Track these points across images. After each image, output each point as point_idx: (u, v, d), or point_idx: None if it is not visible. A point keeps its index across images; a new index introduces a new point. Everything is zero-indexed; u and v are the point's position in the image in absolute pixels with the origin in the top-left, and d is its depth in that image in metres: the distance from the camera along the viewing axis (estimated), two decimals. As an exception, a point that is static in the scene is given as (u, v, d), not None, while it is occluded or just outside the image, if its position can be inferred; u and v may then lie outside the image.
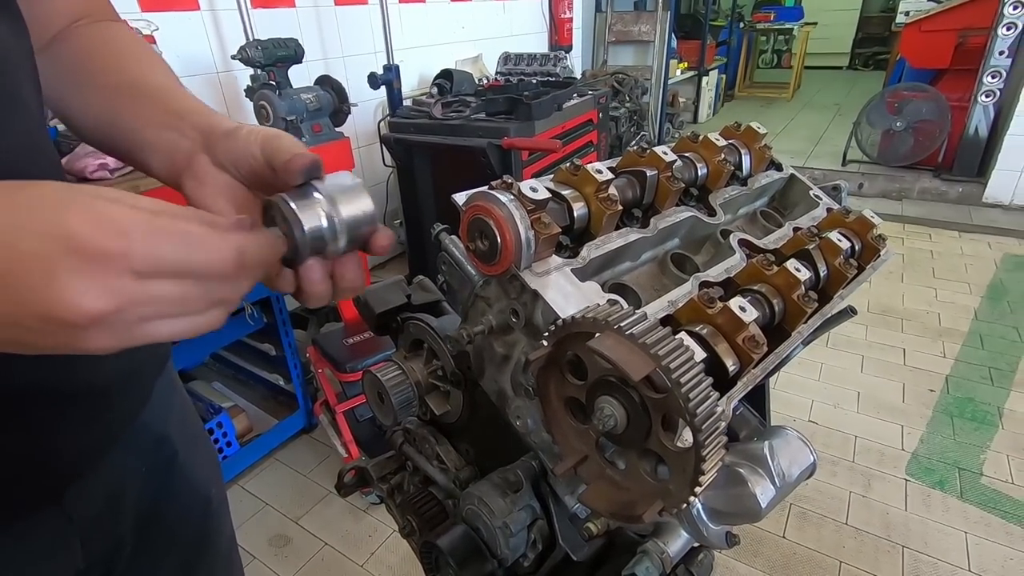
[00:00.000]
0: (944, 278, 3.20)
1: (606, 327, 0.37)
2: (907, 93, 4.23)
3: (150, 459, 0.62)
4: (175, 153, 0.47)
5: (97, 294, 0.28)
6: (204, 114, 0.49)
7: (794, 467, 0.46)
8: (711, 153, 0.67)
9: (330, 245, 0.40)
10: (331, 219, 0.39)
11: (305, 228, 0.38)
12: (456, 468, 0.72)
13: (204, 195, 0.45)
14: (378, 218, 0.43)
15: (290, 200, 0.39)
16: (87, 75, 0.54)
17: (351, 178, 0.42)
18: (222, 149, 0.45)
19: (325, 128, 1.99)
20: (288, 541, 1.85)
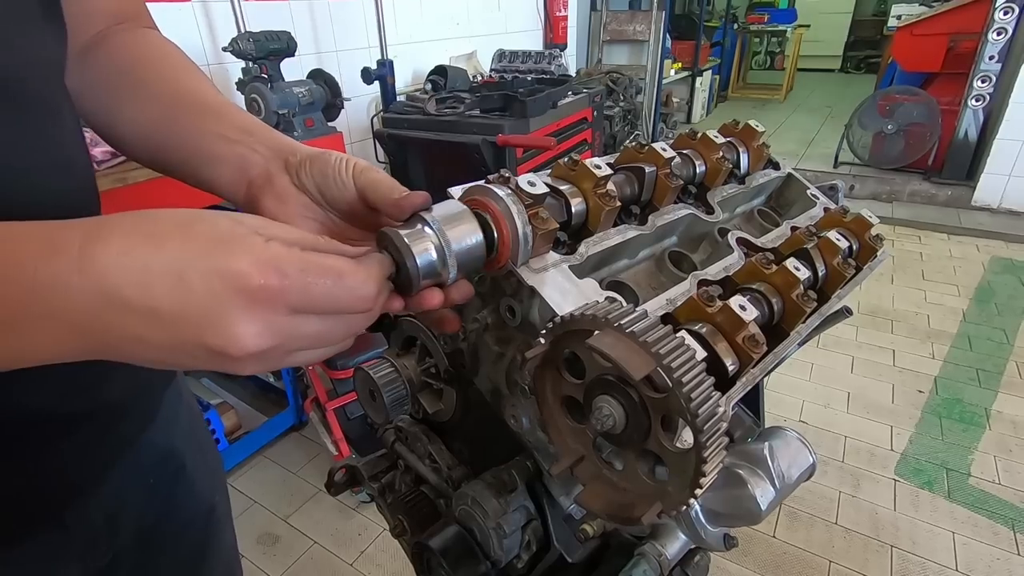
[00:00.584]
0: (933, 280, 3.22)
1: (606, 325, 0.36)
2: (898, 96, 4.26)
3: (155, 473, 0.61)
4: (247, 168, 0.47)
5: (259, 331, 0.31)
6: (272, 132, 0.49)
7: (793, 468, 0.45)
8: (709, 150, 0.67)
9: (442, 275, 0.41)
10: (441, 251, 0.40)
11: (418, 262, 0.39)
12: (448, 467, 0.71)
13: (286, 215, 0.45)
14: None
15: (403, 234, 0.40)
16: (139, 83, 0.52)
17: (458, 205, 0.44)
18: (308, 172, 0.45)
19: (318, 122, 1.97)
20: (277, 539, 1.83)
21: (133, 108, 0.52)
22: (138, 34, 0.56)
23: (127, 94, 0.52)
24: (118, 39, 0.55)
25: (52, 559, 0.50)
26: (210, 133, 0.49)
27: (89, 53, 0.53)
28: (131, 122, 0.52)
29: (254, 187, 0.47)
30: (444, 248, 0.41)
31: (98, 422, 0.51)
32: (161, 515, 0.62)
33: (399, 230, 0.40)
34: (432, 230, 0.41)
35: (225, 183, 0.48)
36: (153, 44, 0.56)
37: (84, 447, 0.50)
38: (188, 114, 0.50)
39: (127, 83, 0.53)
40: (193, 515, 0.70)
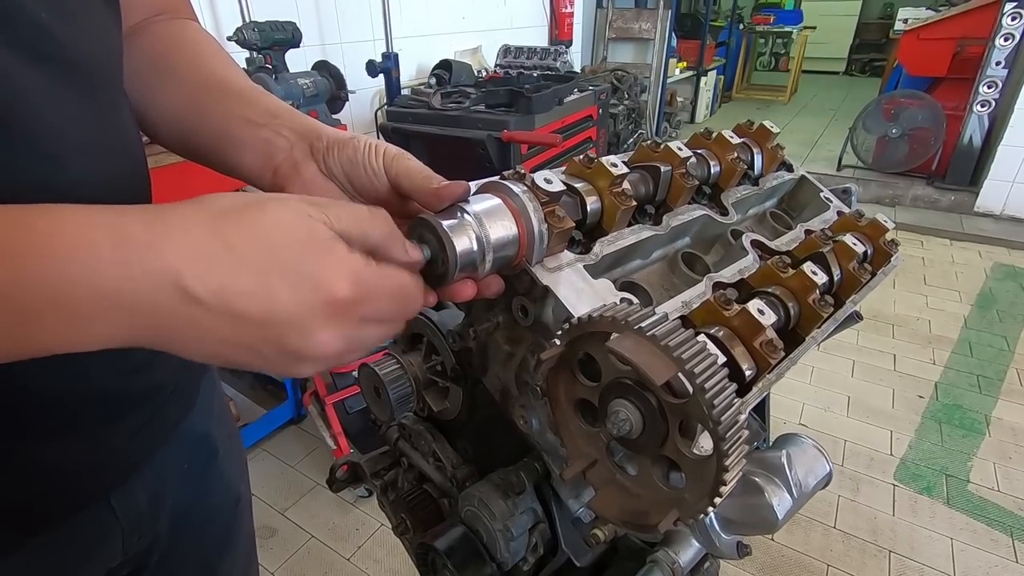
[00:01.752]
0: (935, 285, 3.22)
1: (625, 327, 0.35)
2: (903, 100, 4.25)
3: (192, 458, 0.62)
4: (273, 153, 0.46)
5: (335, 337, 0.32)
6: (297, 115, 0.49)
7: (810, 477, 0.45)
8: (724, 150, 0.66)
9: (479, 268, 0.41)
10: (481, 244, 0.40)
11: (458, 251, 0.39)
12: (453, 466, 0.70)
13: None
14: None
15: (443, 222, 0.39)
16: (170, 70, 0.53)
17: (493, 199, 0.43)
18: (336, 159, 0.45)
19: (322, 115, 1.95)
20: (274, 532, 1.82)
21: (163, 95, 0.52)
22: (175, 24, 0.56)
23: (158, 81, 0.53)
24: (155, 28, 0.55)
25: (98, 541, 0.51)
26: (236, 117, 0.49)
27: (127, 41, 0.53)
28: (161, 108, 0.52)
29: (280, 174, 0.46)
30: (484, 241, 0.40)
31: (150, 403, 0.52)
32: (192, 501, 0.63)
33: (439, 219, 0.39)
34: (471, 220, 0.40)
35: (250, 168, 0.48)
36: (187, 34, 0.56)
37: (138, 428, 0.51)
38: (215, 98, 0.50)
39: (159, 70, 0.53)
40: (221, 503, 0.71)
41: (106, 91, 0.44)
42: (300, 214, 0.33)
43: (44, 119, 0.38)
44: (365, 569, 1.70)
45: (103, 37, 0.44)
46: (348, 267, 0.32)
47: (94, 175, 0.42)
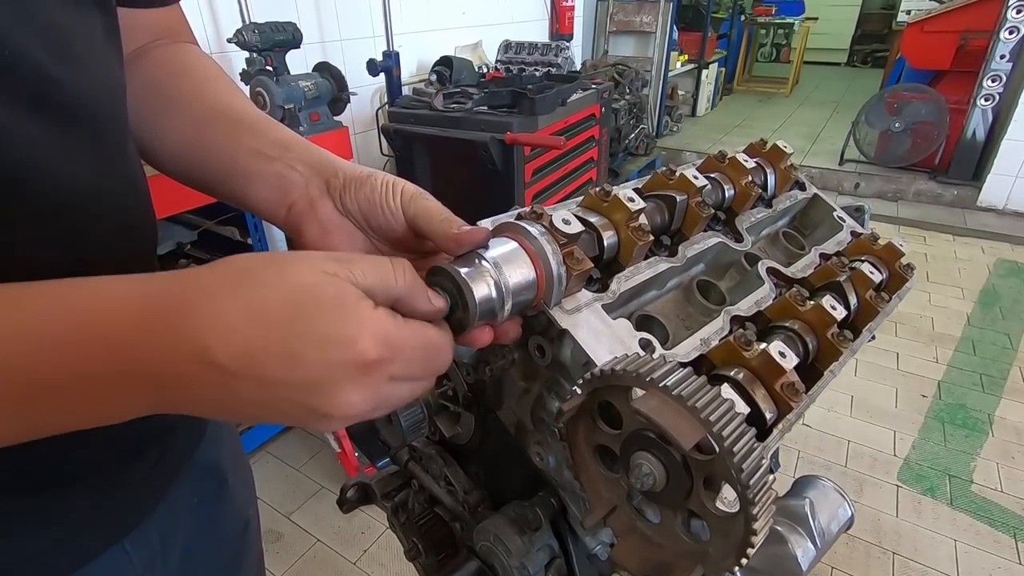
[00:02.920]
0: (938, 282, 3.21)
1: (650, 385, 0.35)
2: (907, 94, 4.22)
3: (202, 491, 0.61)
4: (287, 188, 0.46)
5: (363, 397, 0.32)
6: (309, 148, 0.48)
7: (833, 524, 0.44)
8: (739, 174, 0.65)
9: (498, 314, 0.40)
10: (499, 288, 0.40)
11: (477, 299, 0.38)
12: (465, 491, 0.70)
13: (329, 246, 0.44)
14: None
15: (461, 270, 0.39)
16: (171, 98, 0.51)
17: (509, 242, 0.43)
18: (353, 198, 0.44)
19: (323, 117, 1.94)
20: (280, 537, 1.83)
21: (167, 124, 0.51)
22: (174, 48, 0.55)
23: (161, 110, 0.51)
24: (155, 54, 0.54)
25: None
26: (245, 148, 0.48)
27: (128, 68, 0.52)
28: (165, 138, 0.51)
29: (295, 212, 0.45)
30: (502, 288, 0.40)
31: (162, 443, 0.51)
32: (203, 532, 0.63)
33: (457, 267, 0.39)
34: (489, 267, 0.40)
35: (263, 203, 0.47)
36: (188, 59, 0.55)
37: (150, 467, 0.50)
38: (222, 128, 0.49)
39: (161, 99, 0.52)
40: (230, 530, 0.71)
41: (112, 133, 0.43)
42: (324, 273, 0.32)
43: (51, 169, 0.37)
44: (372, 574, 1.71)
45: (107, 77, 0.43)
46: (375, 327, 0.32)
47: (103, 219, 0.42)
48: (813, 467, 2.05)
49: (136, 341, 0.29)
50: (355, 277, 0.33)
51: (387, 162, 3.05)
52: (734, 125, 6.05)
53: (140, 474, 0.49)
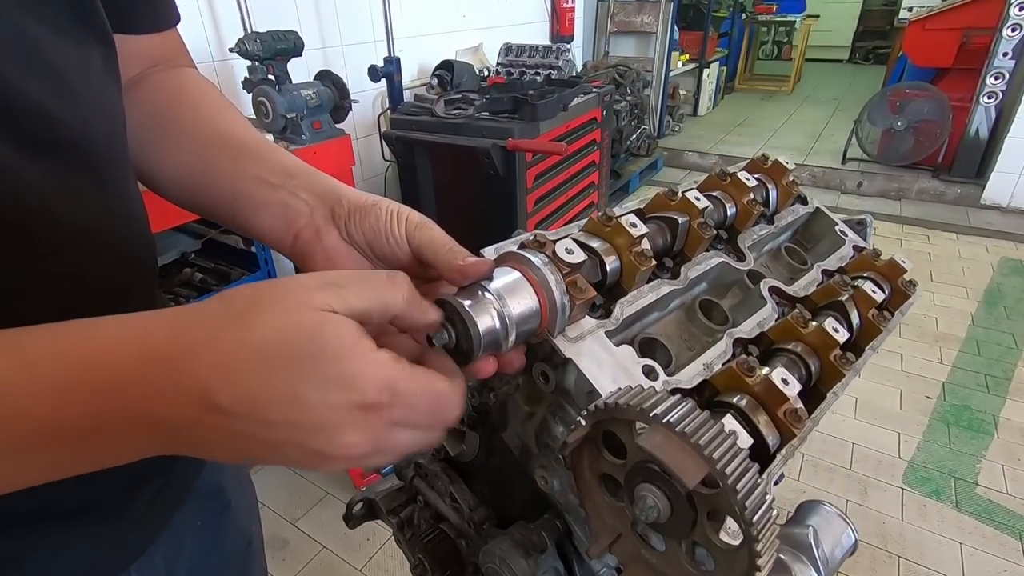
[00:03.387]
0: (941, 282, 3.21)
1: (653, 420, 0.35)
2: (909, 92, 4.21)
3: (205, 512, 0.62)
4: (293, 217, 0.46)
5: (363, 440, 0.32)
6: (313, 175, 0.48)
7: (837, 551, 0.45)
8: (740, 192, 0.65)
9: (502, 345, 0.41)
10: (503, 319, 0.40)
11: (481, 331, 0.39)
12: (470, 508, 0.70)
13: None
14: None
15: (464, 302, 0.39)
16: (172, 125, 0.51)
17: (512, 273, 0.43)
18: (357, 226, 0.44)
19: (325, 125, 1.94)
20: (286, 544, 1.84)
21: (168, 150, 0.51)
22: (173, 74, 0.55)
23: (161, 136, 0.51)
24: (154, 81, 0.54)
25: None
26: (249, 176, 0.48)
27: (126, 95, 0.52)
28: (168, 165, 0.51)
29: (301, 241, 0.46)
30: (506, 320, 0.40)
31: (165, 471, 0.52)
32: (206, 554, 0.63)
33: (461, 300, 0.39)
34: (493, 298, 0.40)
35: (269, 232, 0.47)
36: (187, 83, 0.55)
37: (154, 496, 0.51)
38: (224, 155, 0.49)
39: (161, 124, 0.52)
40: (234, 549, 0.71)
41: (113, 169, 0.43)
42: (321, 312, 0.32)
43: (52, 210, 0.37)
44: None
45: (107, 112, 0.43)
46: (376, 370, 0.32)
47: (103, 255, 0.42)
48: (817, 470, 2.05)
49: (139, 385, 0.29)
50: (350, 304, 0.33)
51: (389, 167, 3.06)
52: (736, 124, 6.04)
53: (144, 504, 0.50)
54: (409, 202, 2.48)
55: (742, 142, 5.46)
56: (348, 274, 0.35)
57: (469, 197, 2.21)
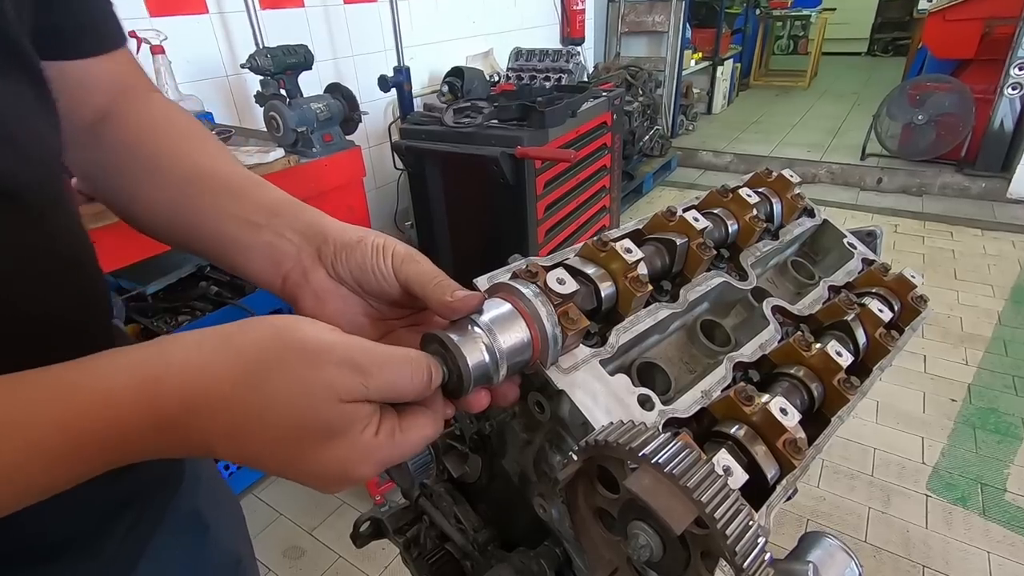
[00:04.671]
0: (966, 279, 3.12)
1: (643, 460, 0.34)
2: (930, 85, 4.11)
3: (184, 540, 0.61)
4: (280, 259, 0.46)
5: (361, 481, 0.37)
6: (297, 211, 0.47)
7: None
8: (742, 209, 0.64)
9: (493, 378, 0.41)
10: (492, 353, 0.40)
11: (471, 365, 0.39)
12: (474, 529, 0.70)
13: (327, 315, 0.45)
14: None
15: (454, 337, 0.39)
16: (150, 160, 0.50)
17: (503, 304, 0.43)
18: (344, 263, 0.44)
19: (336, 137, 1.96)
20: (302, 553, 1.86)
21: (147, 190, 0.50)
22: (140, 104, 0.53)
23: (139, 174, 0.50)
24: (122, 111, 0.52)
25: None
26: (232, 216, 0.47)
27: (97, 129, 0.51)
28: (148, 205, 0.50)
29: (290, 283, 0.46)
30: (496, 353, 0.40)
31: (136, 503, 0.51)
32: None
33: (450, 334, 0.39)
34: (482, 332, 0.40)
35: (257, 273, 0.47)
36: (158, 113, 0.54)
37: (127, 531, 0.50)
38: (205, 194, 0.48)
39: (138, 161, 0.50)
40: (220, 570, 0.70)
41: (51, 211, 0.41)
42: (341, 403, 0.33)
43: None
44: (392, 590, 1.73)
45: (44, 151, 0.41)
46: (374, 455, 0.35)
47: (50, 298, 0.41)
48: (838, 476, 2.00)
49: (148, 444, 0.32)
50: (371, 395, 0.35)
51: (401, 175, 3.08)
52: (751, 121, 5.95)
53: (118, 537, 0.49)
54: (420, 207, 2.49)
55: (757, 140, 5.38)
56: (373, 357, 0.35)
57: (479, 205, 2.22)
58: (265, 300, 1.88)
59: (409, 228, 3.32)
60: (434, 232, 2.42)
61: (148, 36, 1.84)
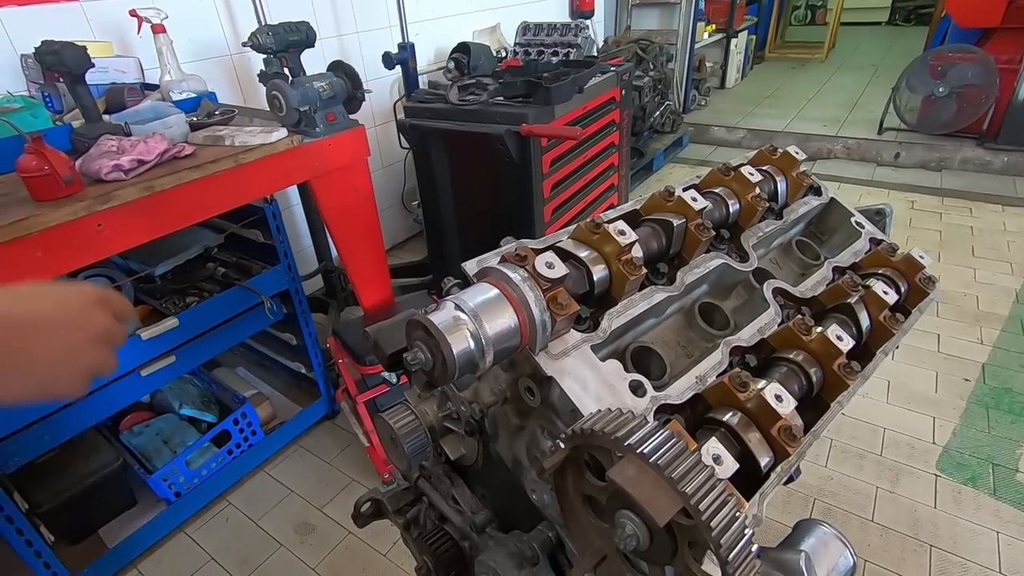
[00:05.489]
0: (984, 257, 3.05)
1: (628, 450, 0.34)
2: (952, 55, 3.97)
3: None
4: None
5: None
6: None
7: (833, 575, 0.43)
8: (744, 188, 0.62)
9: (479, 364, 0.40)
10: (478, 339, 0.39)
11: (455, 352, 0.38)
12: (472, 511, 0.71)
13: None
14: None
15: (438, 323, 0.39)
16: None
17: (489, 288, 0.42)
18: None
19: (339, 116, 1.93)
20: (313, 529, 1.89)
21: None
22: None
23: None
24: None
25: None
26: None
27: None
28: None
29: None
30: (481, 340, 0.40)
31: None
32: None
33: (434, 320, 0.39)
34: (468, 318, 0.39)
35: None
36: None
37: None
38: None
39: None
40: None
41: None
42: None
43: None
44: (401, 565, 1.75)
45: None
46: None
47: None
48: (846, 456, 1.99)
49: None
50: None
51: (407, 153, 3.05)
52: (765, 96, 5.81)
53: None
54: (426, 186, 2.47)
55: (772, 114, 5.25)
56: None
57: (485, 184, 2.19)
58: (271, 281, 1.89)
59: (416, 207, 3.30)
60: (440, 212, 2.40)
61: (149, 15, 1.82)
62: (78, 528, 1.75)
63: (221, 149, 1.59)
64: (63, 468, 1.64)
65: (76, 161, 1.39)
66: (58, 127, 1.54)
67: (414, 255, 3.39)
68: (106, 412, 1.57)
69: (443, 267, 2.60)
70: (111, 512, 1.80)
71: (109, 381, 1.53)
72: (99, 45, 1.90)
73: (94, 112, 1.54)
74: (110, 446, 1.75)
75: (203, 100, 1.95)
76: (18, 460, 1.39)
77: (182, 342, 1.68)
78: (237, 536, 1.87)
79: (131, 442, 1.90)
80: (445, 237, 2.47)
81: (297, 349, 2.21)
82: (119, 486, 1.77)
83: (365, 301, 2.11)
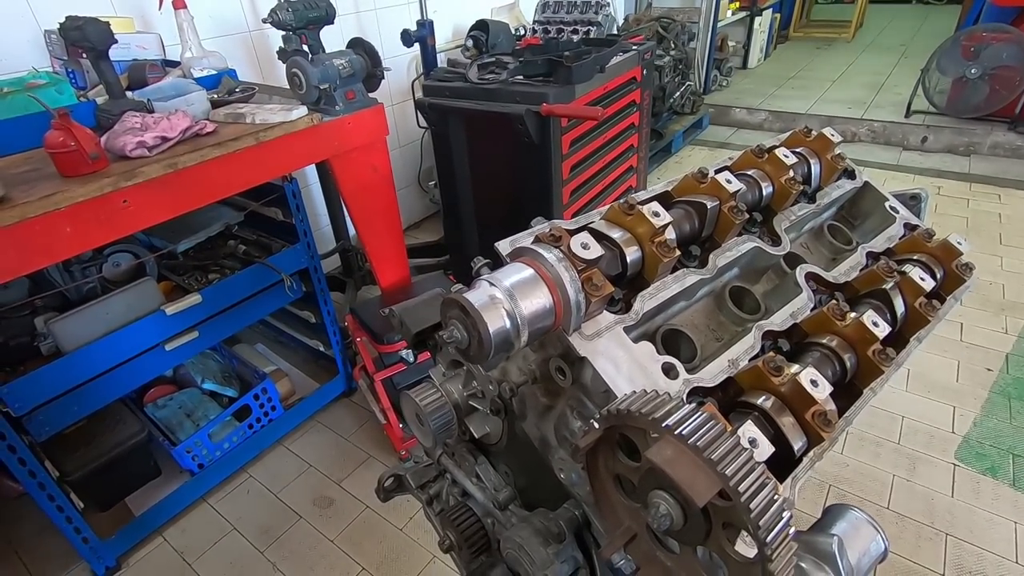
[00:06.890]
0: (1012, 245, 2.98)
1: (666, 431, 0.34)
2: (986, 35, 3.83)
3: None
4: None
5: None
6: None
7: (864, 560, 0.43)
8: (778, 171, 0.61)
9: (514, 344, 0.40)
10: (514, 319, 0.39)
11: (491, 331, 0.38)
12: (495, 489, 0.71)
13: None
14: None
15: (475, 302, 0.39)
16: None
17: (523, 268, 0.42)
18: None
19: (359, 94, 1.92)
20: (331, 502, 1.93)
21: None
22: None
23: None
24: None
25: None
26: None
27: None
28: None
29: None
30: (517, 319, 0.40)
31: None
32: None
33: (471, 299, 0.39)
34: (503, 298, 0.39)
35: None
36: None
37: None
38: None
39: None
40: None
41: None
42: None
43: None
44: (417, 539, 1.79)
45: None
46: None
47: None
48: (863, 443, 1.98)
49: None
50: None
51: (424, 132, 3.04)
52: (789, 77, 5.67)
53: None
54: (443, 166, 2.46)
55: (795, 96, 5.13)
56: None
57: (503, 164, 2.18)
58: (291, 259, 1.90)
59: (433, 188, 3.30)
60: (457, 192, 2.39)
61: (169, -10, 1.82)
62: (106, 496, 1.80)
63: (242, 127, 1.60)
64: (91, 438, 1.69)
65: (101, 137, 1.40)
66: (83, 103, 1.55)
67: (429, 235, 3.39)
68: (132, 384, 1.61)
69: (459, 247, 2.60)
70: (137, 481, 1.85)
71: (136, 354, 1.56)
72: (120, 21, 1.90)
73: (117, 88, 1.55)
74: (135, 418, 1.79)
75: (224, 77, 1.95)
76: (48, 430, 1.43)
77: (205, 318, 1.71)
78: (258, 507, 1.92)
79: (155, 414, 1.94)
80: (462, 217, 2.47)
81: (315, 327, 2.24)
82: (144, 456, 1.82)
83: (383, 280, 2.12)
